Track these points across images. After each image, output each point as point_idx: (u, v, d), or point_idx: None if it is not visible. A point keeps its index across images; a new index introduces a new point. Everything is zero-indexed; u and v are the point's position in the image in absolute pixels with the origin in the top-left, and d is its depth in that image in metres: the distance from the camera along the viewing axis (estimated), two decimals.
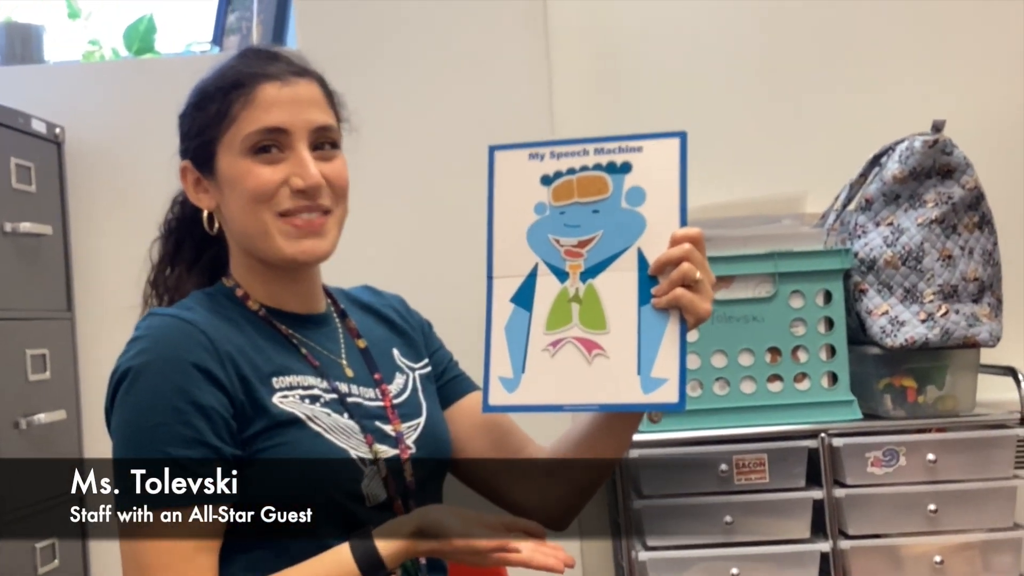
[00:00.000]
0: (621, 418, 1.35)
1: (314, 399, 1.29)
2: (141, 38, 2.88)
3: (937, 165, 2.25)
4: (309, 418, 1.27)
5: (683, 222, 1.25)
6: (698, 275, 1.23)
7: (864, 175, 2.37)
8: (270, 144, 1.30)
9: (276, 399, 1.26)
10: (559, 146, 1.31)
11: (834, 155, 2.62)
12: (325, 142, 1.35)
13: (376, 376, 1.38)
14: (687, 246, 1.24)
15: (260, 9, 2.91)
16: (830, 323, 2.28)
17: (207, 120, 1.32)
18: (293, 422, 1.26)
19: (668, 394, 1.22)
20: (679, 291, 1.23)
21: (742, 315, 2.27)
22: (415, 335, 1.49)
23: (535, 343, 1.28)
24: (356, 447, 1.28)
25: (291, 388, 1.28)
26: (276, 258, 1.34)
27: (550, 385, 1.27)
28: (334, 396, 1.31)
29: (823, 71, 2.77)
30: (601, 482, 1.43)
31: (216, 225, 1.38)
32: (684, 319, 1.24)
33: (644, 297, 1.25)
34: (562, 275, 1.28)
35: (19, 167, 2.42)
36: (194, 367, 1.23)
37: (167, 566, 1.20)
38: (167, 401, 1.21)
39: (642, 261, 1.26)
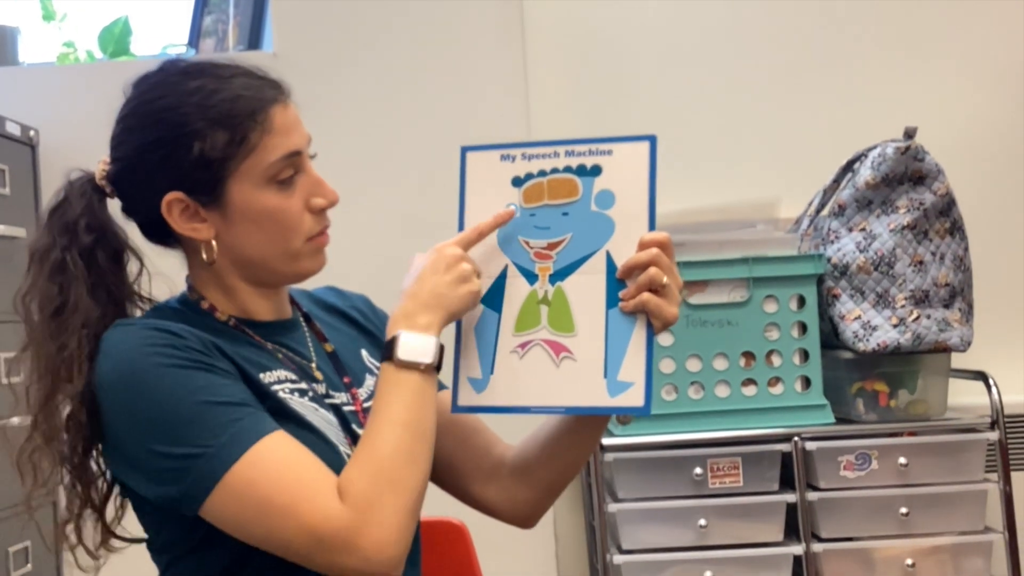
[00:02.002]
0: (587, 420, 1.35)
1: (302, 392, 1.29)
2: (116, 40, 2.86)
3: (909, 171, 2.27)
4: (302, 410, 1.27)
5: (652, 226, 1.25)
6: (665, 280, 1.22)
7: (837, 181, 2.39)
8: (291, 169, 1.28)
9: (272, 389, 1.26)
10: (530, 148, 1.31)
11: (808, 161, 2.64)
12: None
13: (345, 380, 1.37)
14: (654, 250, 1.23)
15: (236, 12, 2.90)
16: (803, 328, 2.30)
17: (216, 148, 1.25)
18: (290, 411, 1.25)
19: (634, 398, 1.23)
20: (646, 295, 1.22)
21: (717, 319, 2.28)
22: (380, 334, 1.48)
23: (504, 345, 1.28)
24: (342, 443, 1.28)
25: (279, 382, 1.28)
26: (295, 277, 1.34)
27: (518, 387, 1.27)
28: (314, 394, 1.31)
29: (797, 77, 2.79)
30: (567, 482, 1.43)
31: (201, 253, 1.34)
32: (651, 323, 1.24)
33: (612, 300, 1.25)
34: (531, 277, 1.28)
35: None
36: (195, 350, 1.21)
37: (303, 463, 1.17)
38: (190, 372, 1.18)
39: (610, 264, 1.25)
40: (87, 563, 1.33)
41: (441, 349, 1.24)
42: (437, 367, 1.24)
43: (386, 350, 1.23)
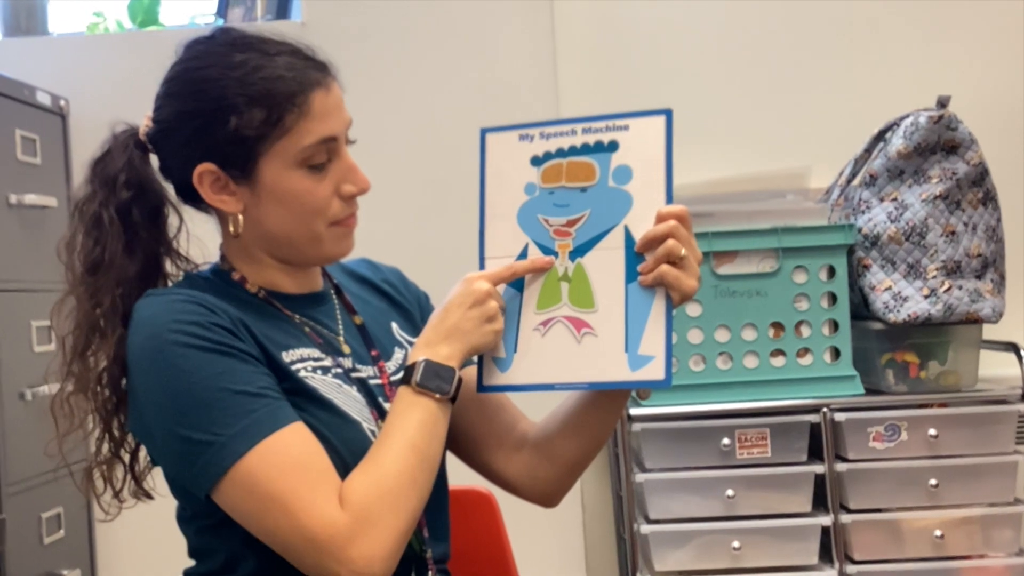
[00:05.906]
0: (608, 395, 1.35)
1: (325, 370, 1.29)
2: (145, 10, 2.87)
3: (942, 141, 2.25)
4: (323, 388, 1.27)
5: (669, 199, 1.25)
6: (683, 252, 1.23)
7: (869, 150, 2.36)
8: (325, 155, 1.28)
9: (292, 368, 1.27)
10: (548, 126, 1.31)
11: (839, 130, 2.61)
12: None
13: (373, 352, 1.37)
14: (672, 223, 1.23)
15: None
16: (833, 298, 2.29)
17: (251, 126, 1.25)
18: (310, 390, 1.26)
19: (654, 372, 1.23)
20: (664, 268, 1.23)
21: (746, 290, 2.27)
22: (411, 308, 1.49)
23: (526, 323, 1.29)
24: (367, 420, 1.29)
25: (302, 360, 1.28)
26: (320, 260, 1.35)
27: (541, 365, 1.28)
28: (340, 370, 1.31)
29: (829, 46, 2.76)
30: (588, 460, 1.43)
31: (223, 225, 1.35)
32: (670, 296, 1.24)
33: (631, 275, 1.25)
34: (551, 255, 1.29)
35: (24, 139, 2.42)
36: (222, 328, 1.22)
37: (310, 463, 1.18)
38: (213, 356, 1.19)
39: (629, 239, 1.26)
40: (112, 509, 1.35)
41: (459, 381, 1.25)
42: (452, 399, 1.25)
43: (405, 374, 1.25)
